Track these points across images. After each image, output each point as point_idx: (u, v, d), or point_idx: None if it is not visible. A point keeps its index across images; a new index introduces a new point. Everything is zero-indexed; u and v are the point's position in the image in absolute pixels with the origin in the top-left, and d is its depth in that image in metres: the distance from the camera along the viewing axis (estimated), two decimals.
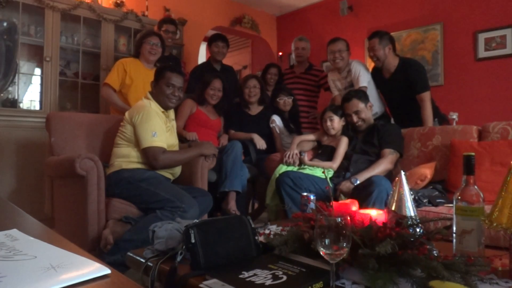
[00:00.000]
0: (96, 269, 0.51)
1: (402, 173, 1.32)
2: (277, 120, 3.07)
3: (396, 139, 2.47)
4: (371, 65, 3.21)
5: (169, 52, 3.39)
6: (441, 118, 2.91)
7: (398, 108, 3.00)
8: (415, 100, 2.77)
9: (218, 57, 3.41)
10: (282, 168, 2.53)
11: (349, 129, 2.67)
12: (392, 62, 2.88)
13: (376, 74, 3.01)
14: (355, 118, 2.53)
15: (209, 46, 3.46)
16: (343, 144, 2.54)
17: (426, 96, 2.75)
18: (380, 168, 2.30)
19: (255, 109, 3.12)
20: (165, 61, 3.02)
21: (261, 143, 2.93)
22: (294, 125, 3.15)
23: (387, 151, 2.39)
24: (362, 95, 2.59)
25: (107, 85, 2.78)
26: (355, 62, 3.04)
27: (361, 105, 2.52)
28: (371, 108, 2.61)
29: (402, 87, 2.81)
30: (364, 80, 2.92)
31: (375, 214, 1.11)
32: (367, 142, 2.50)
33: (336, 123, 2.62)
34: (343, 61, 3.04)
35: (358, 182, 2.24)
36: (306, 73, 3.62)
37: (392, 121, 3.10)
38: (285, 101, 3.07)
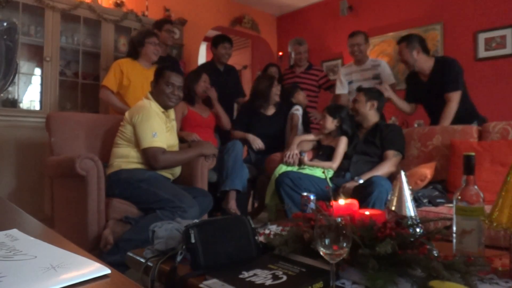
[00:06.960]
0: (96, 269, 0.51)
1: (402, 173, 1.32)
2: (300, 109, 3.06)
3: (399, 140, 2.46)
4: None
5: (166, 53, 3.37)
6: (481, 120, 2.65)
7: (438, 111, 2.73)
8: None
9: (224, 59, 3.36)
10: (282, 168, 2.53)
11: (351, 127, 2.64)
12: (425, 64, 2.71)
13: (413, 78, 2.86)
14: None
15: (214, 47, 3.37)
16: (342, 144, 2.54)
17: (454, 96, 2.60)
18: (384, 170, 2.29)
19: (271, 110, 3.06)
20: (163, 61, 3.00)
21: (257, 142, 2.92)
22: (304, 124, 3.13)
23: (391, 153, 2.37)
24: (373, 91, 2.62)
25: (105, 87, 2.77)
26: (384, 62, 3.28)
27: (364, 100, 2.56)
28: (372, 107, 2.54)
29: (440, 88, 2.66)
30: (392, 78, 3.19)
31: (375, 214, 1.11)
32: (368, 142, 2.49)
33: (328, 123, 2.63)
34: (362, 54, 3.24)
35: (361, 181, 2.23)
36: (306, 73, 3.62)
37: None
38: (304, 95, 3.10)
